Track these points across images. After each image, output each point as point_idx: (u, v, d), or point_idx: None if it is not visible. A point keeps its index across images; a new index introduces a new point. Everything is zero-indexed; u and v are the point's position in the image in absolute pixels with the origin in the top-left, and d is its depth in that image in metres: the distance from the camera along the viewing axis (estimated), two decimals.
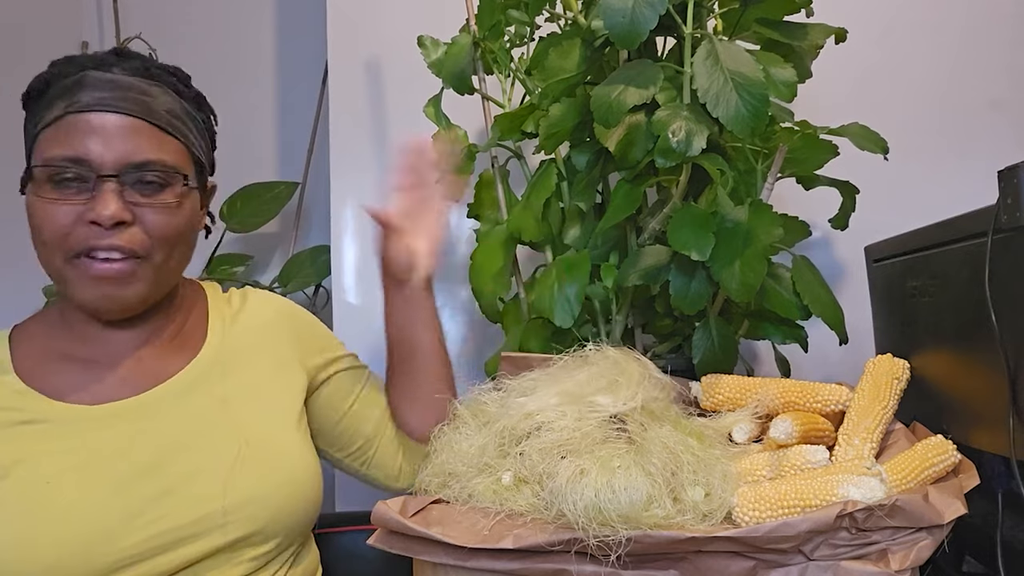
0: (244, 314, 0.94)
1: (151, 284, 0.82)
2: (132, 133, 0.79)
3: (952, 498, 0.66)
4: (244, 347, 0.90)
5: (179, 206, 0.82)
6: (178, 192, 0.82)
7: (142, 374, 0.84)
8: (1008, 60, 1.27)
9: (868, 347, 1.02)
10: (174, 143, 0.82)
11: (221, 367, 0.87)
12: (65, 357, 0.84)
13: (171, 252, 0.83)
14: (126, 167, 0.78)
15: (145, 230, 0.80)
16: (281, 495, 0.82)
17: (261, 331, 0.93)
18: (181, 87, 0.86)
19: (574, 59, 0.95)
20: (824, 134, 0.96)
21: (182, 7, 1.78)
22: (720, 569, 0.63)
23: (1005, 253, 0.68)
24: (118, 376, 0.84)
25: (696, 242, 0.85)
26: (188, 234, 0.85)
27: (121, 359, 0.85)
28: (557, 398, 0.74)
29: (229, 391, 0.85)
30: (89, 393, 0.82)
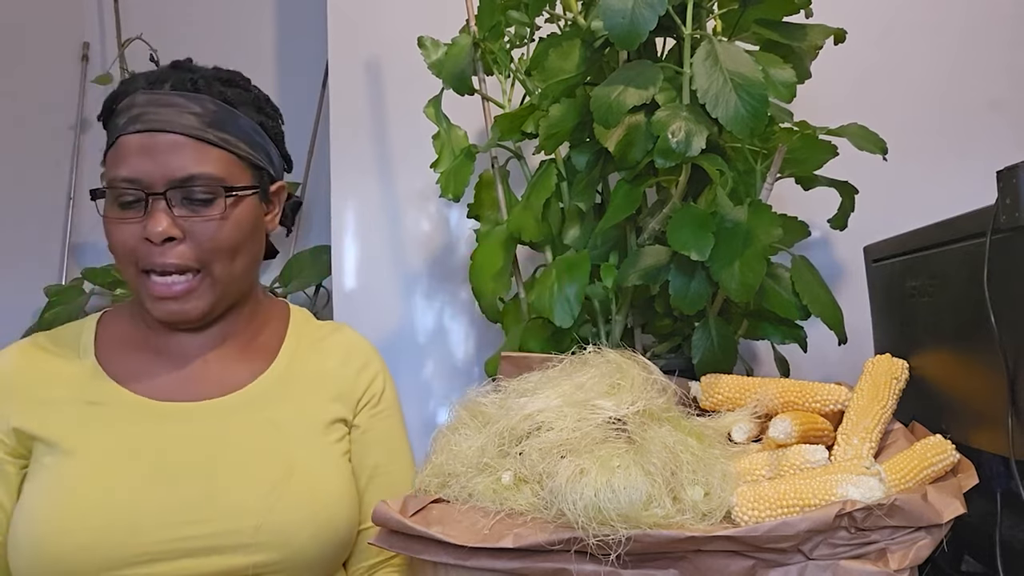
0: (324, 344, 0.95)
1: (213, 296, 0.85)
2: (175, 150, 0.82)
3: (951, 498, 0.66)
4: (311, 376, 0.91)
5: (226, 217, 0.83)
6: (225, 203, 0.83)
7: (207, 379, 0.87)
8: (1008, 60, 1.27)
9: (867, 347, 1.02)
10: (219, 154, 0.83)
11: (282, 390, 0.89)
12: (140, 346, 0.88)
13: (230, 262, 0.85)
14: (171, 184, 0.81)
15: (196, 244, 0.82)
16: (315, 527, 0.82)
17: (333, 367, 0.93)
18: (231, 93, 0.87)
19: (574, 60, 0.96)
20: (823, 134, 0.96)
21: (183, 7, 1.78)
22: (719, 568, 0.63)
23: (1004, 253, 0.68)
24: (184, 375, 0.87)
25: (696, 242, 0.86)
26: (246, 242, 0.86)
27: (190, 358, 0.88)
28: (558, 400, 0.74)
29: (284, 416, 0.87)
30: (155, 386, 0.85)
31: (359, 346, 0.98)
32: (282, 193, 0.94)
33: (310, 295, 1.59)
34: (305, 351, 0.94)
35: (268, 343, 0.93)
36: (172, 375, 0.87)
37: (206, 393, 0.86)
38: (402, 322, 1.34)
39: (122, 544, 0.76)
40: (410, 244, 1.34)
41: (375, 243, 1.35)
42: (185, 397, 0.85)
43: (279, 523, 0.80)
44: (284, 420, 0.87)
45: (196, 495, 0.79)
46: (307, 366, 0.92)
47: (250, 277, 0.90)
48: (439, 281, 1.35)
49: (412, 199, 1.34)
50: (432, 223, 1.35)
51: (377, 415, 0.95)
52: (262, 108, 0.91)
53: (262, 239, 0.91)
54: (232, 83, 0.89)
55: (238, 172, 0.85)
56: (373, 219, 1.35)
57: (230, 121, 0.86)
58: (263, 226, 0.91)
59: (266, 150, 0.90)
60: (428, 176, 1.12)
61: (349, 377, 0.94)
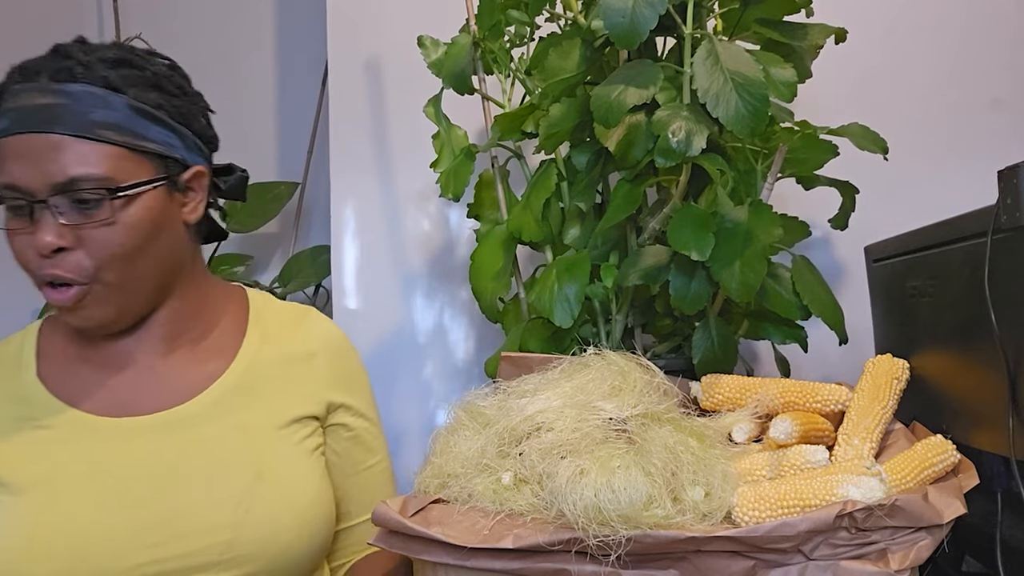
0: (292, 332, 0.89)
1: (113, 304, 0.77)
2: (53, 151, 0.72)
3: (951, 498, 0.66)
4: (278, 370, 0.86)
5: (116, 221, 0.74)
6: (113, 206, 0.74)
7: (160, 388, 0.81)
8: (1008, 60, 1.27)
9: (868, 347, 1.02)
10: (103, 150, 0.74)
11: (247, 390, 0.83)
12: (83, 358, 0.82)
13: (128, 268, 0.76)
14: (53, 189, 0.72)
15: (89, 252, 0.74)
16: (291, 534, 0.78)
17: (302, 361, 0.87)
18: (115, 76, 0.76)
19: (574, 59, 0.95)
20: (824, 134, 0.96)
21: (182, 7, 1.78)
22: (720, 569, 0.63)
23: (1005, 253, 0.68)
24: (135, 386, 0.80)
25: (696, 242, 0.85)
26: (147, 243, 0.77)
27: (138, 367, 0.81)
28: (558, 401, 0.74)
29: (251, 418, 0.81)
30: (103, 402, 0.79)
31: (329, 336, 0.92)
32: (202, 179, 0.83)
33: (310, 295, 1.59)
34: (271, 342, 0.87)
35: (226, 338, 0.85)
36: (121, 388, 0.80)
37: (160, 404, 0.79)
38: (402, 322, 1.33)
39: (94, 571, 0.71)
40: (410, 244, 1.34)
41: (375, 243, 1.34)
42: (138, 411, 0.78)
43: (251, 536, 0.76)
44: (251, 422, 0.81)
45: (160, 516, 0.74)
46: (274, 359, 0.86)
47: (158, 277, 0.80)
48: (439, 281, 1.34)
49: (412, 199, 1.34)
50: (432, 223, 1.35)
51: (353, 411, 0.90)
52: (161, 86, 0.80)
53: (175, 234, 0.81)
54: (121, 63, 0.78)
55: (131, 167, 0.75)
56: (373, 219, 1.34)
57: (115, 109, 0.75)
58: (176, 219, 0.81)
59: (170, 134, 0.79)
60: (428, 176, 1.12)
61: (320, 370, 0.88)
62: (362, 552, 0.92)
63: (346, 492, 0.90)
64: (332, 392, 0.89)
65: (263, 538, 0.76)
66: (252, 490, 0.77)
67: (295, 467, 0.82)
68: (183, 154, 0.81)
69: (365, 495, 0.91)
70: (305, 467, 0.83)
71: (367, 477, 0.92)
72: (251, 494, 0.77)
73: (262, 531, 0.76)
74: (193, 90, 0.85)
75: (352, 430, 0.90)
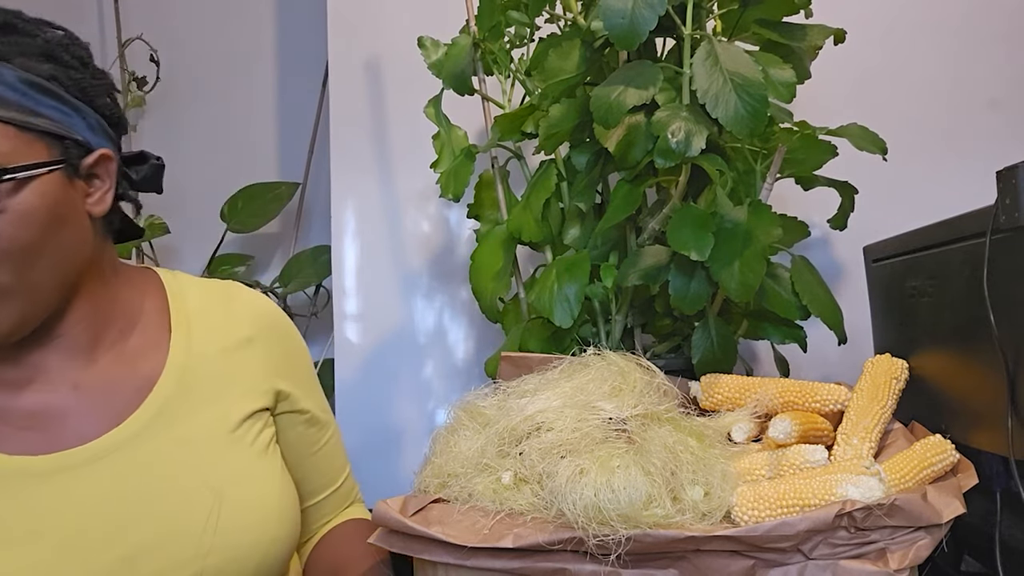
0: (222, 320, 0.79)
1: (10, 311, 0.65)
2: None
3: (951, 497, 0.66)
4: (215, 369, 0.76)
5: (4, 210, 0.63)
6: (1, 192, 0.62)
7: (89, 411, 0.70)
8: (1008, 60, 1.27)
9: (867, 347, 1.02)
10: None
11: (188, 395, 0.73)
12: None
13: (22, 266, 0.64)
14: None
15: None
16: (264, 546, 0.74)
17: (238, 349, 0.78)
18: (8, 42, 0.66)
19: (574, 60, 0.96)
20: (823, 135, 0.96)
21: (183, 8, 1.78)
22: (719, 568, 0.63)
23: (1004, 253, 0.68)
24: (61, 411, 0.69)
25: (695, 242, 0.86)
26: (44, 237, 0.65)
27: (57, 386, 0.70)
28: (558, 401, 0.74)
29: (198, 429, 0.72)
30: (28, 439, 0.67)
31: (261, 314, 0.82)
32: (108, 164, 0.71)
33: (310, 295, 1.59)
34: (201, 332, 0.76)
35: (150, 334, 0.75)
36: (45, 416, 0.68)
37: (94, 428, 0.68)
38: (402, 322, 1.34)
39: None
40: (410, 244, 1.35)
41: (375, 243, 1.35)
42: (69, 442, 0.67)
43: (221, 562, 0.69)
44: (198, 434, 0.72)
45: (116, 561, 0.65)
46: (208, 352, 0.76)
47: (69, 276, 0.69)
48: (439, 281, 1.35)
49: (412, 199, 1.34)
50: (432, 223, 1.35)
51: (302, 393, 0.84)
52: (56, 56, 0.68)
53: (78, 228, 0.69)
54: (6, 28, 0.67)
55: (19, 147, 0.63)
56: (373, 219, 1.35)
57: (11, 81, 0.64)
58: (79, 210, 0.69)
59: (68, 111, 0.68)
60: (428, 176, 1.12)
61: (260, 357, 0.80)
62: (325, 522, 0.91)
63: (306, 473, 0.87)
64: (277, 379, 0.81)
65: (233, 561, 0.71)
66: (214, 516, 0.70)
67: (255, 476, 0.75)
68: (85, 135, 0.69)
69: (324, 470, 0.90)
70: (264, 471, 0.77)
71: (324, 452, 0.89)
72: (214, 520, 0.70)
73: (232, 554, 0.71)
74: (95, 66, 0.74)
75: (306, 413, 0.85)
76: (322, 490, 0.90)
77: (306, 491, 0.89)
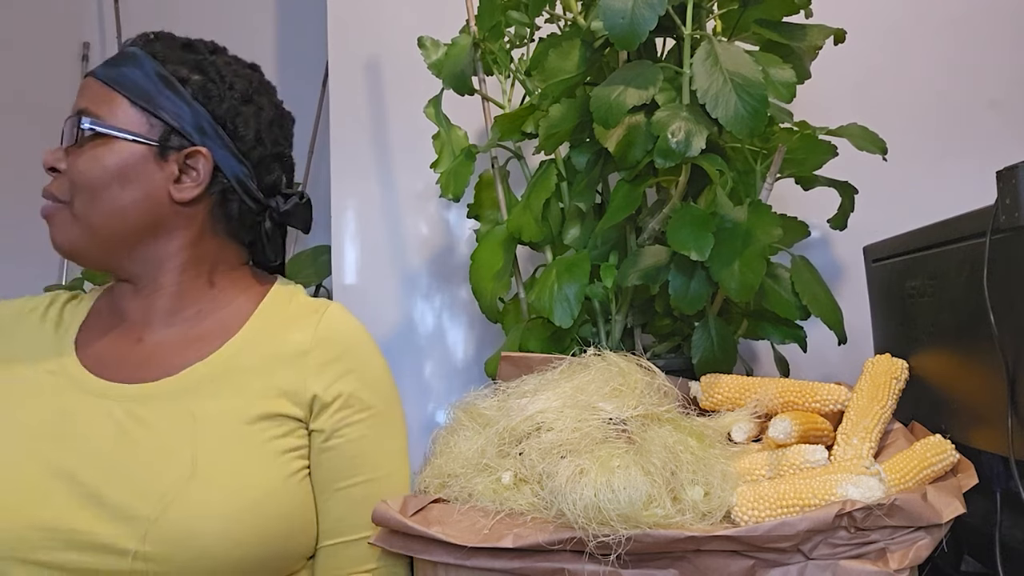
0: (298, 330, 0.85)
1: (75, 231, 0.83)
2: (84, 89, 0.85)
3: (950, 497, 0.66)
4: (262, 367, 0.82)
5: (82, 149, 0.82)
6: (80, 134, 0.82)
7: (150, 359, 0.83)
8: (1008, 60, 1.27)
9: (867, 347, 1.02)
10: (105, 92, 0.83)
11: (220, 379, 0.81)
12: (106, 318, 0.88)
13: (90, 200, 0.82)
14: (69, 118, 0.83)
15: (68, 176, 0.83)
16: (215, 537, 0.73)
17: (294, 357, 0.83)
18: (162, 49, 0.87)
19: (574, 60, 0.96)
20: (823, 134, 0.96)
21: (183, 7, 1.78)
22: (719, 568, 0.63)
23: (1004, 253, 0.68)
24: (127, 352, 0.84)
25: (695, 242, 0.86)
26: (105, 184, 0.82)
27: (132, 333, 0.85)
28: (558, 401, 0.74)
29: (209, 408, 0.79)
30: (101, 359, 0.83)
31: (333, 330, 0.86)
32: (203, 162, 0.84)
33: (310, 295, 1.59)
34: (271, 335, 0.84)
35: (225, 322, 0.86)
36: (118, 347, 0.84)
37: (141, 375, 0.81)
38: (402, 322, 1.34)
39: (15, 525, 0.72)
40: (410, 244, 1.35)
41: (375, 243, 1.35)
42: (119, 375, 0.81)
43: (170, 531, 0.72)
44: (207, 413, 0.78)
45: (94, 488, 0.74)
46: (264, 353, 0.83)
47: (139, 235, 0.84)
48: (439, 281, 1.35)
49: (412, 199, 1.34)
50: (432, 223, 1.35)
51: (345, 411, 0.82)
52: (204, 71, 0.87)
53: (152, 198, 0.83)
54: (187, 46, 0.89)
55: (125, 116, 0.83)
56: (373, 219, 1.35)
57: (133, 66, 0.84)
58: (158, 186, 0.83)
59: (182, 107, 0.84)
60: (428, 176, 1.12)
61: (311, 367, 0.82)
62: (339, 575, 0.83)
63: (325, 507, 0.82)
64: (319, 390, 0.82)
65: (177, 539, 0.72)
66: (179, 486, 0.74)
67: (243, 466, 0.76)
68: (189, 130, 0.84)
69: (344, 515, 0.82)
70: (259, 467, 0.77)
71: (353, 495, 0.82)
72: (176, 490, 0.73)
73: (177, 532, 0.72)
74: (263, 100, 0.91)
75: (338, 437, 0.82)
76: (335, 534, 0.82)
77: (325, 528, 0.82)
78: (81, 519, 0.73)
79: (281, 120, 0.94)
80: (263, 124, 0.90)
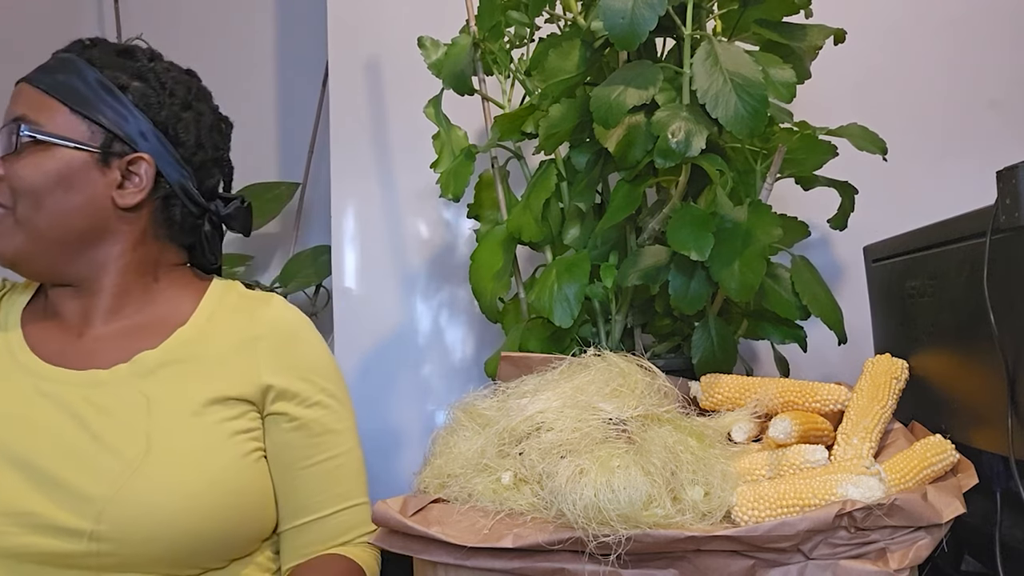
0: (244, 320, 0.89)
1: (20, 238, 0.84)
2: (20, 95, 0.86)
3: (951, 497, 0.66)
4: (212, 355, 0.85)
5: (21, 155, 0.82)
6: (17, 141, 0.82)
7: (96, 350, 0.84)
8: (1008, 60, 1.27)
9: (867, 347, 1.02)
10: (49, 102, 0.84)
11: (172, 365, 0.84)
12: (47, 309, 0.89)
13: (33, 207, 0.82)
14: (2, 125, 0.85)
15: (8, 181, 0.83)
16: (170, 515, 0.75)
17: (244, 345, 0.86)
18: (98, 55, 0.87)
19: (574, 60, 0.96)
20: (823, 135, 0.96)
21: (183, 7, 1.78)
22: (719, 568, 0.63)
23: (1004, 253, 0.68)
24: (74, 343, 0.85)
25: (695, 242, 0.86)
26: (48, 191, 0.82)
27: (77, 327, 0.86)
28: (558, 401, 0.74)
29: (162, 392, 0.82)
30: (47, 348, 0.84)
31: (280, 321, 0.90)
32: (144, 167, 0.86)
33: (310, 295, 1.59)
34: (217, 327, 0.88)
35: (169, 316, 0.88)
36: (62, 340, 0.85)
37: (90, 363, 0.83)
38: (402, 322, 1.34)
39: None
40: (410, 244, 1.35)
41: (375, 243, 1.35)
42: (69, 364, 0.83)
43: (125, 511, 0.74)
44: (160, 397, 0.81)
45: (48, 471, 0.75)
46: (213, 342, 0.86)
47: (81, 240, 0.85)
48: (439, 281, 1.35)
49: (412, 199, 1.34)
50: (432, 223, 1.35)
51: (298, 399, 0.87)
52: (144, 77, 0.87)
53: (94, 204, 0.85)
54: (123, 52, 0.89)
55: (65, 123, 0.83)
56: (373, 219, 1.35)
57: (71, 73, 0.84)
58: (100, 192, 0.85)
59: (124, 114, 0.85)
60: (428, 176, 1.12)
61: (262, 354, 0.86)
62: (303, 554, 0.86)
63: (288, 488, 0.86)
64: (272, 376, 0.86)
65: (132, 517, 0.74)
66: (134, 465, 0.76)
67: (198, 445, 0.80)
68: (132, 137, 0.86)
69: (312, 491, 0.87)
70: (213, 446, 0.80)
71: (317, 471, 0.87)
72: (132, 468, 0.76)
73: (132, 510, 0.74)
74: (202, 106, 0.92)
75: (295, 419, 0.86)
76: (303, 513, 0.86)
77: (287, 511, 0.86)
78: (37, 502, 0.74)
79: (220, 125, 0.95)
80: (203, 129, 0.91)
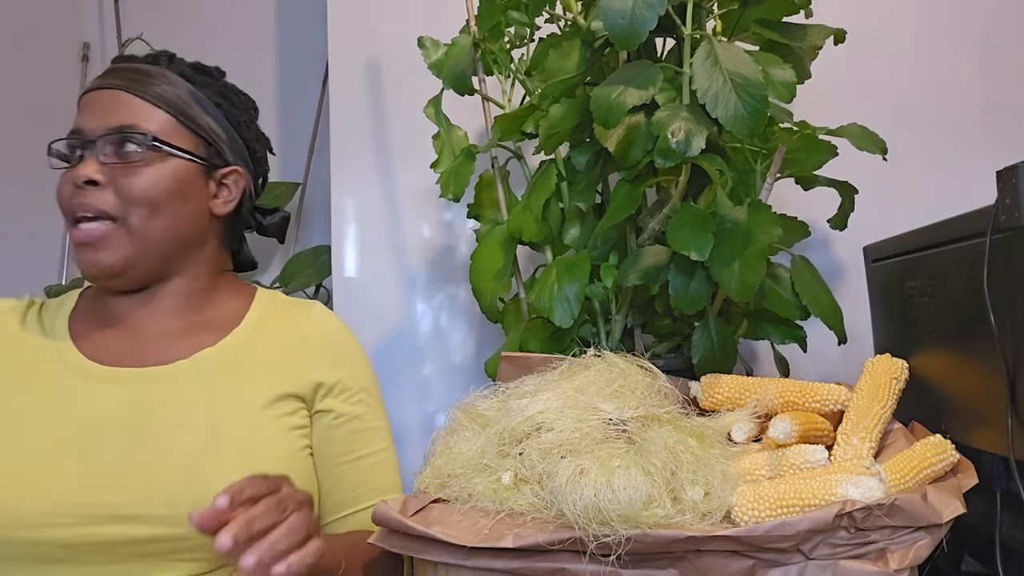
0: (290, 322, 0.92)
1: (129, 249, 0.84)
2: (116, 102, 0.85)
3: (951, 497, 0.66)
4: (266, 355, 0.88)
5: (148, 167, 0.84)
6: (145, 153, 0.83)
7: (154, 348, 0.86)
8: (1008, 60, 1.27)
9: (867, 347, 1.02)
10: (154, 111, 0.85)
11: (230, 363, 0.86)
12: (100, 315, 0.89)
13: (148, 216, 0.84)
14: (104, 132, 0.83)
15: (116, 190, 0.83)
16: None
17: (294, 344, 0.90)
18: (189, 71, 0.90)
19: (574, 60, 0.96)
20: (823, 134, 0.96)
21: (183, 7, 1.78)
22: (719, 568, 0.63)
23: (1004, 253, 0.68)
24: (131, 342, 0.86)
25: (695, 242, 0.86)
26: (169, 202, 0.85)
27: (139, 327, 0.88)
28: (559, 401, 0.74)
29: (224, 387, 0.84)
30: (101, 349, 0.85)
31: (324, 324, 0.95)
32: (239, 180, 0.93)
33: (310, 295, 1.59)
34: (267, 327, 0.91)
35: (225, 317, 0.91)
36: (118, 342, 0.86)
37: (149, 360, 0.85)
38: (402, 322, 1.34)
39: (31, 505, 0.74)
40: (410, 244, 1.35)
41: (375, 243, 1.35)
42: (127, 363, 0.84)
43: (195, 495, 0.75)
44: (223, 391, 0.84)
45: (112, 463, 0.77)
46: (266, 341, 0.90)
47: (170, 244, 0.87)
48: (439, 281, 1.35)
49: (412, 199, 1.34)
50: (432, 223, 1.35)
51: (344, 394, 0.91)
52: (227, 95, 0.93)
53: (198, 213, 0.89)
54: (199, 69, 0.92)
55: (176, 134, 0.86)
56: (373, 219, 1.35)
57: (178, 89, 0.87)
58: (203, 201, 0.89)
59: (219, 129, 0.90)
60: (428, 176, 1.12)
61: (311, 352, 0.90)
62: None
63: (335, 482, 0.89)
64: (322, 374, 0.90)
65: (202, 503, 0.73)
66: (203, 449, 0.79)
67: (258, 437, 0.82)
68: (227, 150, 0.91)
69: (356, 484, 0.90)
70: (275, 439, 0.83)
71: (361, 466, 0.90)
72: (201, 453, 0.79)
73: (207, 491, 0.73)
74: (256, 125, 0.98)
75: (340, 415, 0.90)
76: (344, 507, 0.90)
77: (328, 505, 0.89)
78: (101, 492, 0.76)
79: (267, 140, 1.01)
80: (264, 145, 0.99)
